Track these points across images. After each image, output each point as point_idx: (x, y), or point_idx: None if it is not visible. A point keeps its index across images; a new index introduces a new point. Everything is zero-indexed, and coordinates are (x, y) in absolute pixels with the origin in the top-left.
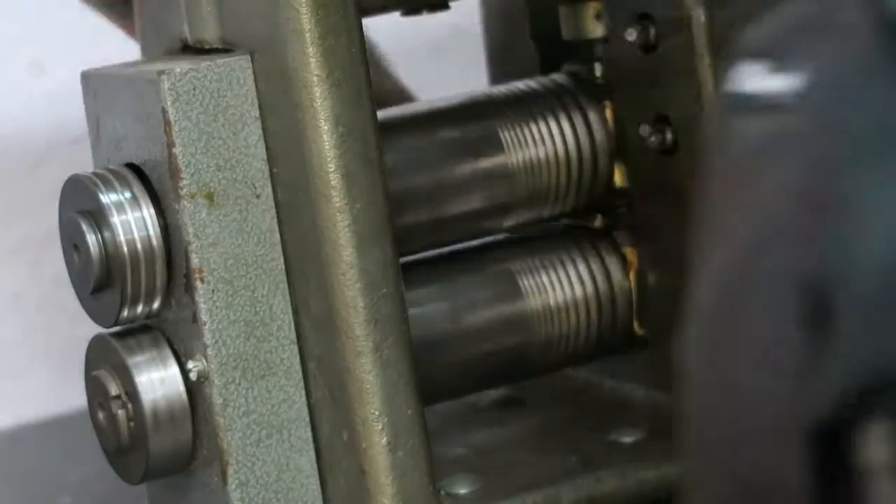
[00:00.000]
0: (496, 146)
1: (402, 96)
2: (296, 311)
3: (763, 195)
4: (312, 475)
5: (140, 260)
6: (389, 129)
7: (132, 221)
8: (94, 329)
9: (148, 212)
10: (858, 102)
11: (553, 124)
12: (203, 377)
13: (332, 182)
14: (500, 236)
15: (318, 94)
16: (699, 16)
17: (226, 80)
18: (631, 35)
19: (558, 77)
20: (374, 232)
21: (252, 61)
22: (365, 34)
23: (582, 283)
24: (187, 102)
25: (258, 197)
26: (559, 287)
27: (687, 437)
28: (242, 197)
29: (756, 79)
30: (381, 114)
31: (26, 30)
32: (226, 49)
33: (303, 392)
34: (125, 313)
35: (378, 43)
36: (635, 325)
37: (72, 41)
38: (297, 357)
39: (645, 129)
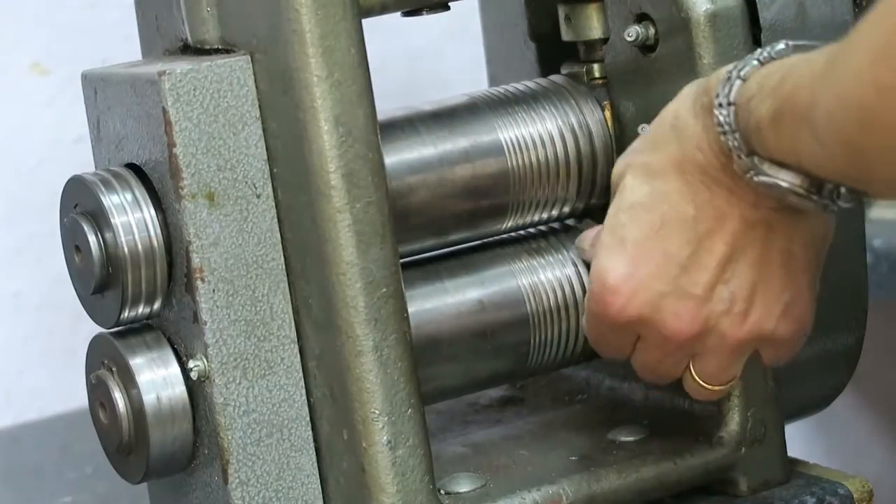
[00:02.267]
0: (496, 147)
1: None
2: (296, 311)
3: None
4: (313, 474)
5: (141, 260)
6: (390, 130)
7: (133, 222)
8: (95, 328)
9: (149, 212)
10: None
11: (552, 125)
12: (204, 376)
13: (333, 182)
14: (500, 236)
15: (318, 94)
16: (698, 16)
17: (226, 80)
18: (630, 35)
19: (557, 78)
20: (375, 232)
21: (252, 62)
22: None
23: (582, 283)
24: (188, 103)
25: (258, 197)
26: (559, 287)
27: None
28: (243, 197)
29: None
30: (382, 114)
31: (28, 31)
32: (226, 49)
33: (303, 391)
34: (126, 313)
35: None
36: None
37: (73, 42)
38: (298, 356)
39: (644, 130)
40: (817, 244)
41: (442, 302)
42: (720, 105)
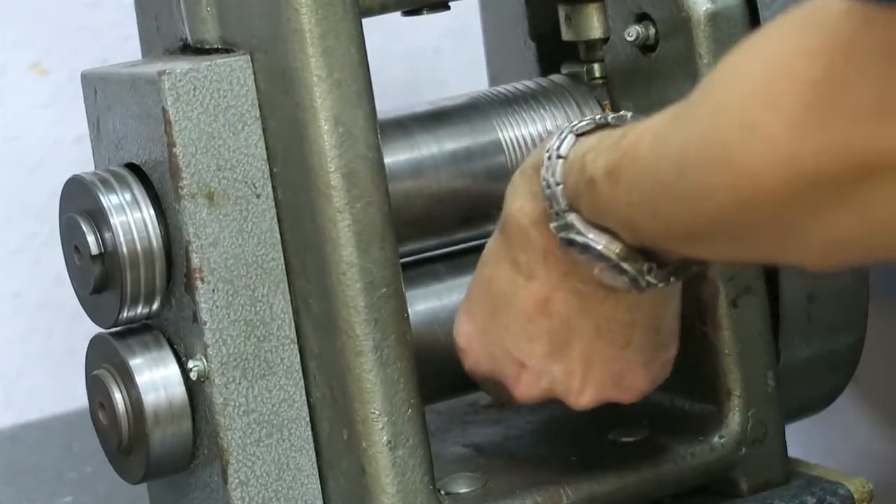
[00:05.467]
0: (496, 147)
1: None
2: (296, 311)
3: None
4: (312, 474)
5: (140, 260)
6: (390, 130)
7: (132, 222)
8: (95, 328)
9: (148, 212)
10: None
11: (552, 125)
12: (203, 376)
13: (333, 182)
14: None
15: (318, 94)
16: (698, 16)
17: (226, 80)
18: (630, 35)
19: (557, 78)
20: (375, 231)
21: (252, 61)
22: None
23: None
24: (188, 102)
25: (258, 197)
26: None
27: None
28: (243, 197)
29: None
30: (381, 114)
31: (28, 31)
32: (226, 49)
33: (303, 391)
34: (125, 313)
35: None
36: None
37: (73, 42)
38: (297, 356)
39: None
40: (644, 321)
41: (442, 302)
42: (548, 158)
